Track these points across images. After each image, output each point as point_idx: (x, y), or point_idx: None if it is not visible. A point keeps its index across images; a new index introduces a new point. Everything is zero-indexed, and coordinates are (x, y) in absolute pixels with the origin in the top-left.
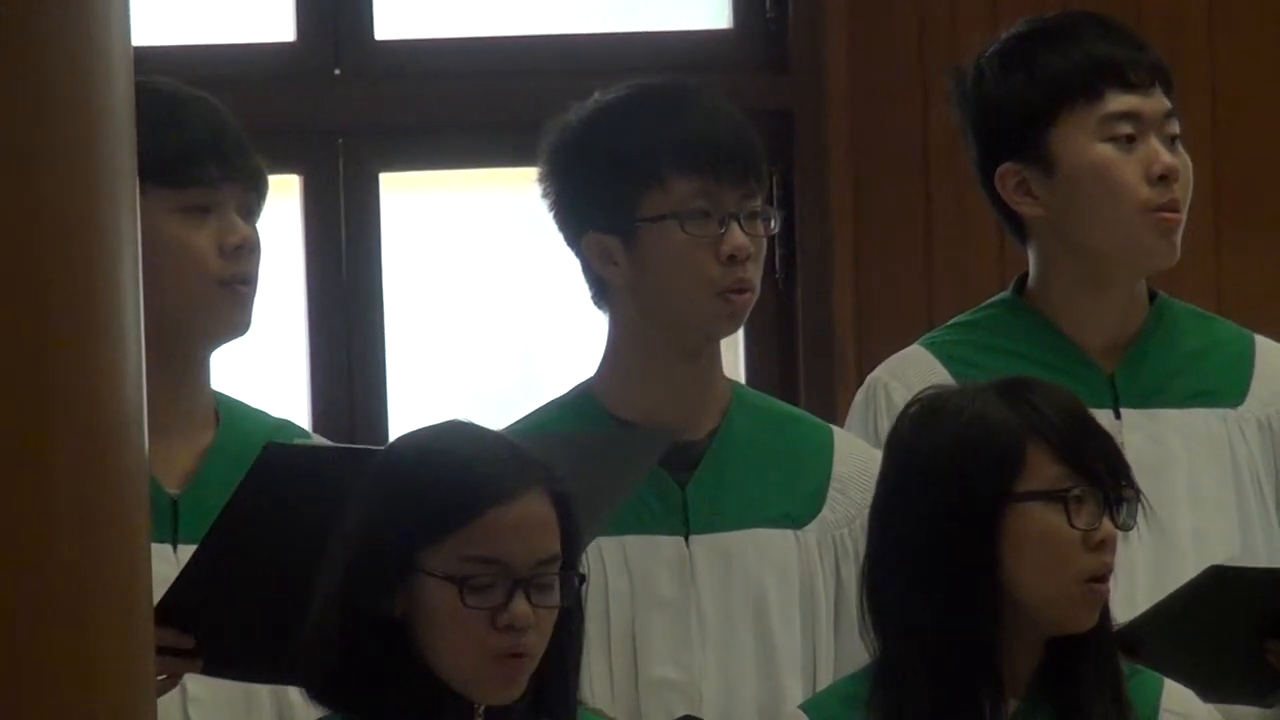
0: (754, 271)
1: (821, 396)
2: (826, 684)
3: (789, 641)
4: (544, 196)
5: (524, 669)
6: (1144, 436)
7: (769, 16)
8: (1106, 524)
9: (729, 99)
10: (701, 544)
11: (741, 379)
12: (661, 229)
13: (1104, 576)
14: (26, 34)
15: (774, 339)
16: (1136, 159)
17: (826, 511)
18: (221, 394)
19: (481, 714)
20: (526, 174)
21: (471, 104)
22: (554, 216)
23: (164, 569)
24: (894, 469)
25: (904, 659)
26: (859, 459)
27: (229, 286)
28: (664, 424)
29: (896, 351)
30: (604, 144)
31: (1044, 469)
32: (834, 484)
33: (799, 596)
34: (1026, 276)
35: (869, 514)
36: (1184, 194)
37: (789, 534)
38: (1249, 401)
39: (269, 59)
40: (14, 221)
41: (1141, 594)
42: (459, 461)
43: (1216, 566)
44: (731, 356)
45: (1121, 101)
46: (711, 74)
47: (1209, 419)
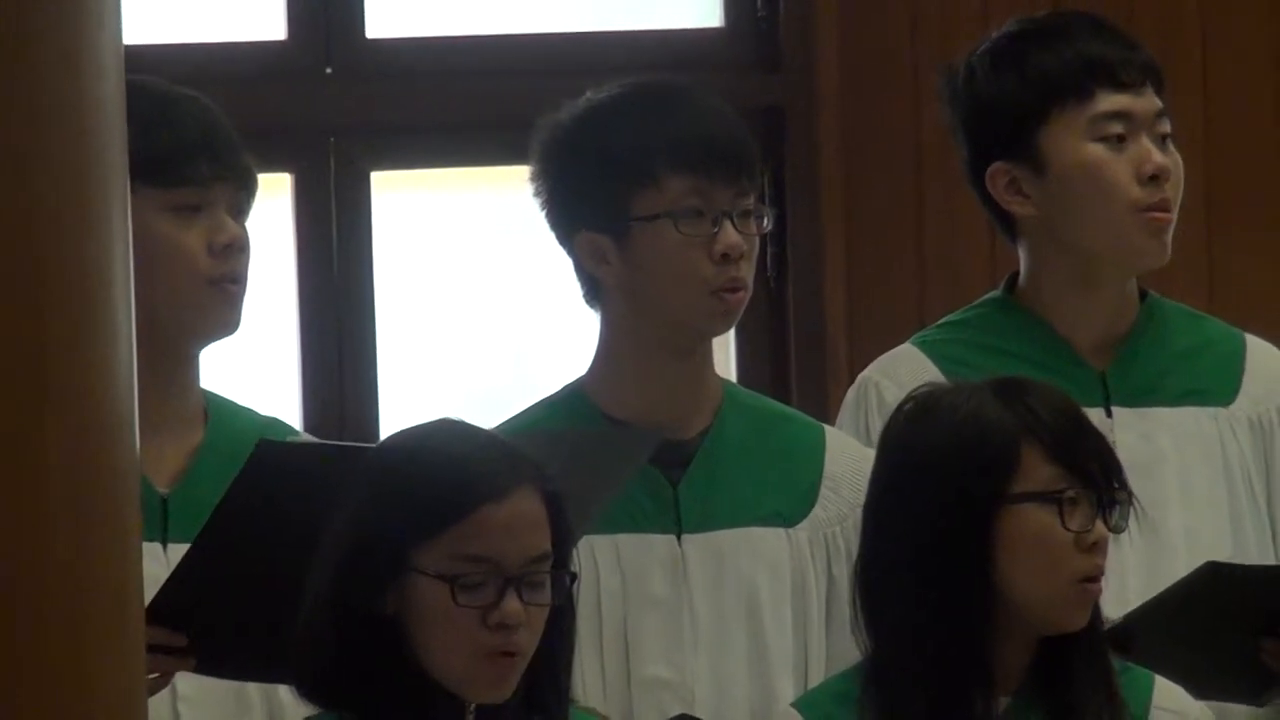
0: (747, 270)
1: (813, 395)
2: (818, 682)
3: (781, 640)
4: (536, 196)
5: (515, 667)
6: (1135, 435)
7: (760, 15)
8: (1099, 526)
9: (720, 97)
10: (694, 543)
11: (733, 377)
12: (655, 228)
13: (1096, 577)
14: (18, 33)
15: (765, 337)
16: (1127, 158)
17: (818, 510)
18: (210, 392)
19: (473, 712)
20: (518, 173)
21: (463, 103)
22: (546, 216)
23: (154, 568)
24: (888, 466)
25: (896, 657)
26: (851, 457)
27: (219, 285)
28: (656, 423)
29: (888, 350)
30: (596, 143)
31: (1038, 470)
32: (826, 482)
33: (791, 595)
34: (1017, 275)
35: (862, 511)
36: (1175, 194)
37: (781, 533)
38: (1240, 400)
39: (260, 57)
40: (6, 220)
41: (1133, 592)
42: (450, 460)
43: (1213, 563)
44: (723, 355)
45: (1112, 101)
46: (703, 72)
47: (1200, 418)
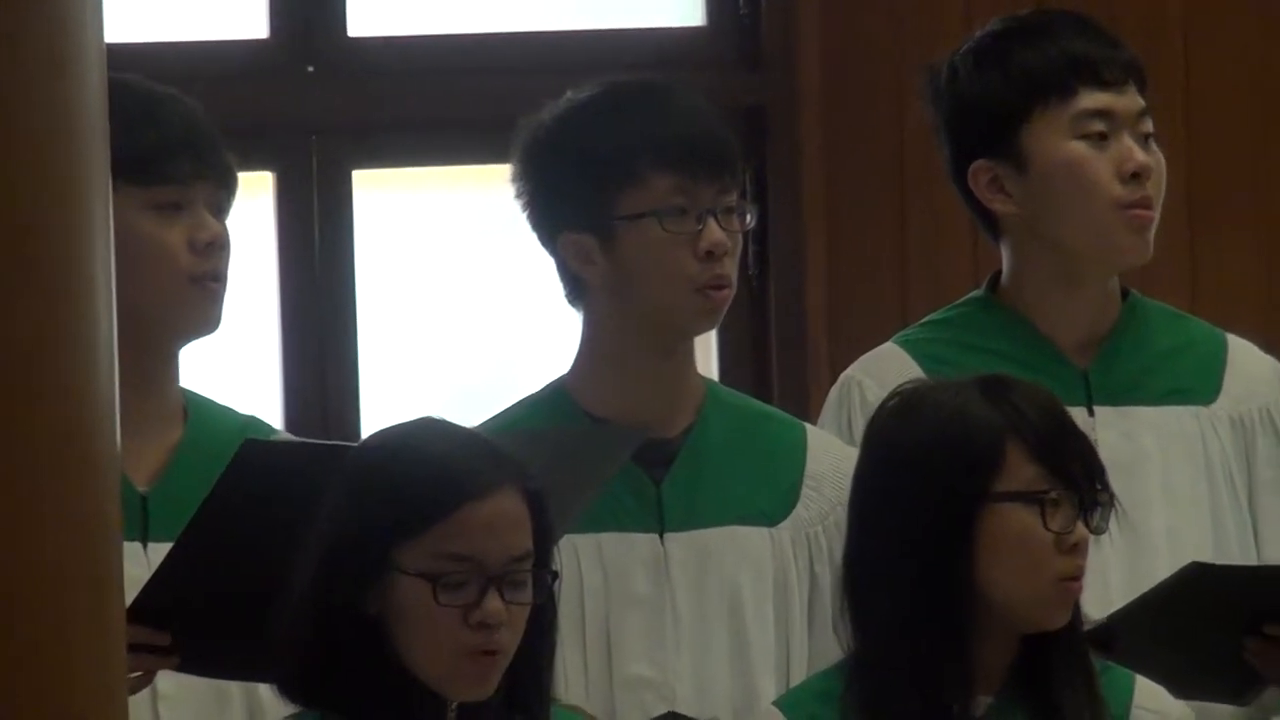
0: (731, 267)
1: (794, 394)
2: (800, 681)
3: (763, 639)
4: (518, 196)
5: (497, 666)
6: (1117, 434)
7: (742, 13)
8: (1080, 527)
9: (702, 96)
10: (676, 541)
11: (715, 376)
12: (640, 227)
13: (1077, 577)
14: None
15: (747, 336)
16: (1109, 156)
17: (800, 509)
18: (189, 391)
19: (454, 711)
20: (499, 171)
21: (444, 101)
22: (528, 216)
23: (134, 567)
24: (873, 462)
25: (879, 655)
26: (833, 456)
27: (200, 283)
28: (638, 421)
29: (870, 349)
30: (579, 143)
31: (1021, 469)
32: (808, 481)
33: (773, 594)
34: (1000, 274)
35: (847, 508)
36: (1157, 192)
37: (763, 531)
38: (1221, 399)
39: (242, 56)
40: None
41: (1115, 591)
42: (432, 459)
43: (1197, 563)
44: (704, 354)
45: (1095, 99)
46: (685, 71)
47: (1182, 416)
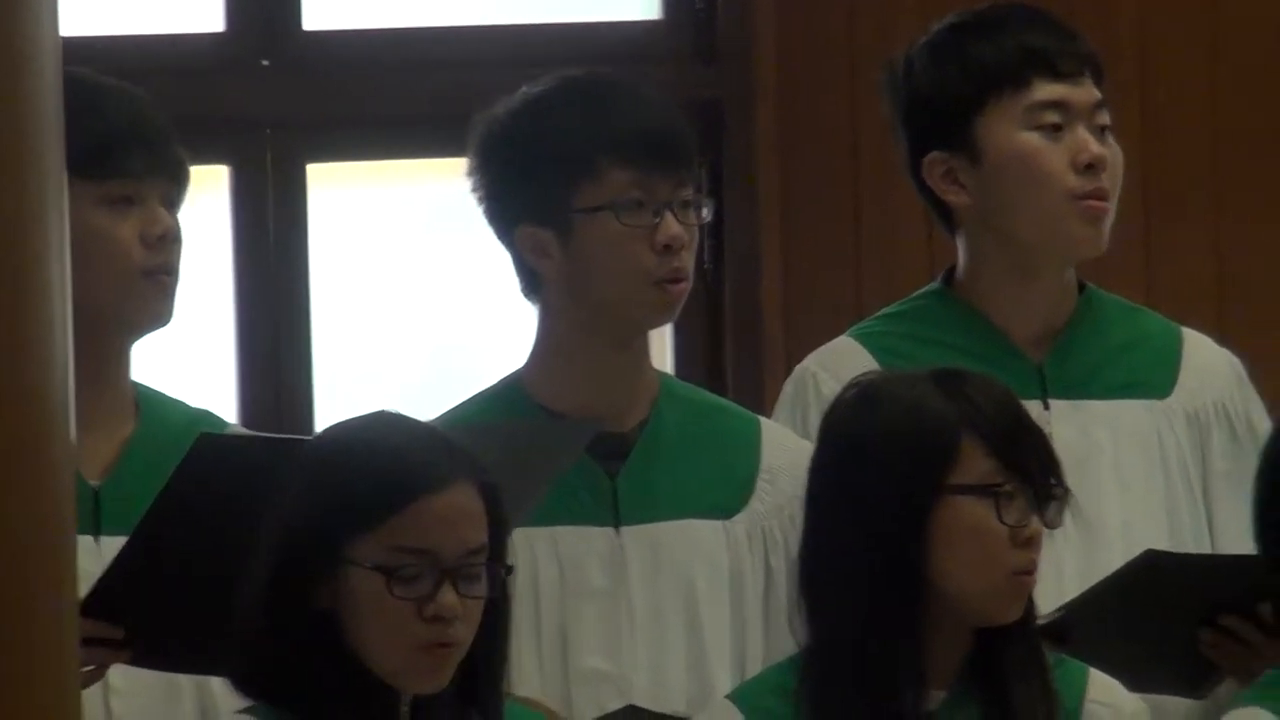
0: (688, 261)
1: (749, 387)
2: (755, 674)
3: (718, 632)
4: (474, 190)
5: (451, 659)
6: (1072, 428)
7: (698, 7)
8: (1035, 521)
9: (660, 89)
10: (632, 535)
11: (670, 370)
12: (597, 220)
13: (1030, 570)
14: None
15: (702, 330)
16: (1064, 148)
17: (755, 502)
18: (141, 384)
19: (408, 704)
20: (455, 165)
21: (400, 96)
22: (484, 210)
23: (86, 561)
24: (829, 454)
25: (833, 648)
26: (787, 450)
27: (152, 277)
28: (593, 415)
29: (825, 342)
30: (535, 136)
31: (976, 463)
32: (763, 475)
33: (728, 587)
34: (955, 267)
35: (803, 500)
36: (1113, 184)
37: (718, 525)
38: (1177, 393)
39: (198, 49)
40: None
41: (1069, 585)
42: (387, 452)
43: (1151, 552)
44: (659, 347)
45: (1049, 90)
46: (641, 65)
47: (1137, 410)
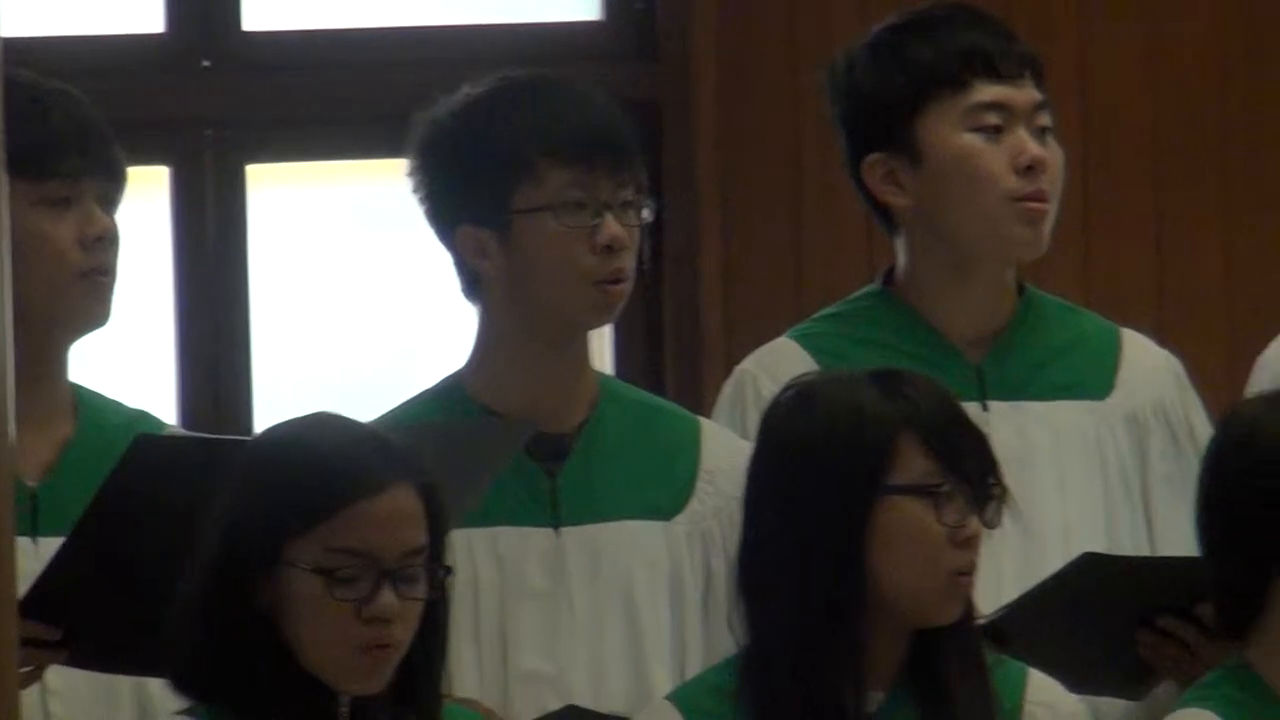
0: (629, 262)
1: (689, 388)
2: (695, 675)
3: (658, 633)
4: (415, 191)
5: (389, 660)
6: (1011, 428)
7: (638, 8)
8: (974, 521)
9: (601, 89)
10: (572, 536)
11: (609, 370)
12: (536, 221)
13: (969, 571)
14: None
15: (641, 330)
16: (1003, 149)
17: (695, 503)
18: (79, 385)
19: (346, 705)
20: (394, 166)
21: (339, 96)
22: (425, 210)
23: (25, 562)
24: (767, 455)
25: (771, 649)
26: (727, 451)
27: (90, 278)
28: (533, 415)
29: (765, 343)
30: (475, 137)
31: (915, 463)
32: (702, 476)
33: (668, 588)
34: (895, 268)
35: (741, 501)
36: (1053, 186)
37: (658, 526)
38: (1116, 394)
39: (138, 50)
40: None
41: (1008, 587)
42: (326, 453)
43: (1090, 554)
44: (598, 347)
45: (989, 91)
46: (581, 65)
47: (1076, 411)
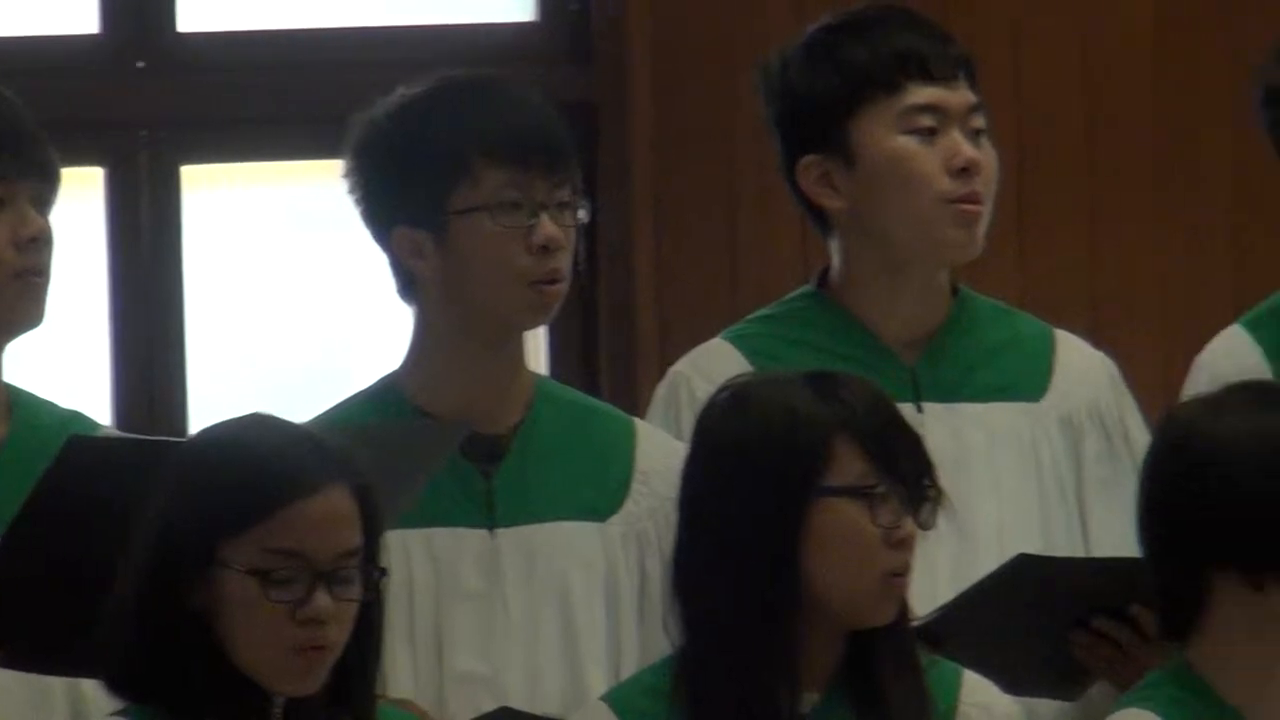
0: (565, 262)
1: (624, 389)
2: (630, 676)
3: (593, 634)
4: (350, 192)
5: (324, 661)
6: (945, 430)
7: (572, 9)
8: (909, 523)
9: (537, 90)
10: (507, 537)
11: (544, 371)
12: (472, 221)
13: (903, 572)
14: None
15: (576, 331)
16: (937, 151)
17: (630, 504)
18: (12, 386)
19: (280, 706)
20: (329, 167)
21: (274, 97)
22: (361, 211)
23: None
24: (702, 457)
25: (706, 650)
26: (662, 451)
27: (23, 279)
28: (469, 416)
29: (699, 344)
30: (412, 137)
31: (850, 464)
32: (637, 477)
33: (603, 589)
34: (829, 269)
35: (676, 503)
36: (987, 188)
37: (593, 527)
38: (1050, 395)
39: (73, 51)
40: None
41: (943, 588)
42: (260, 454)
43: (1024, 555)
44: (534, 349)
45: (923, 94)
46: (516, 66)
47: (1010, 413)
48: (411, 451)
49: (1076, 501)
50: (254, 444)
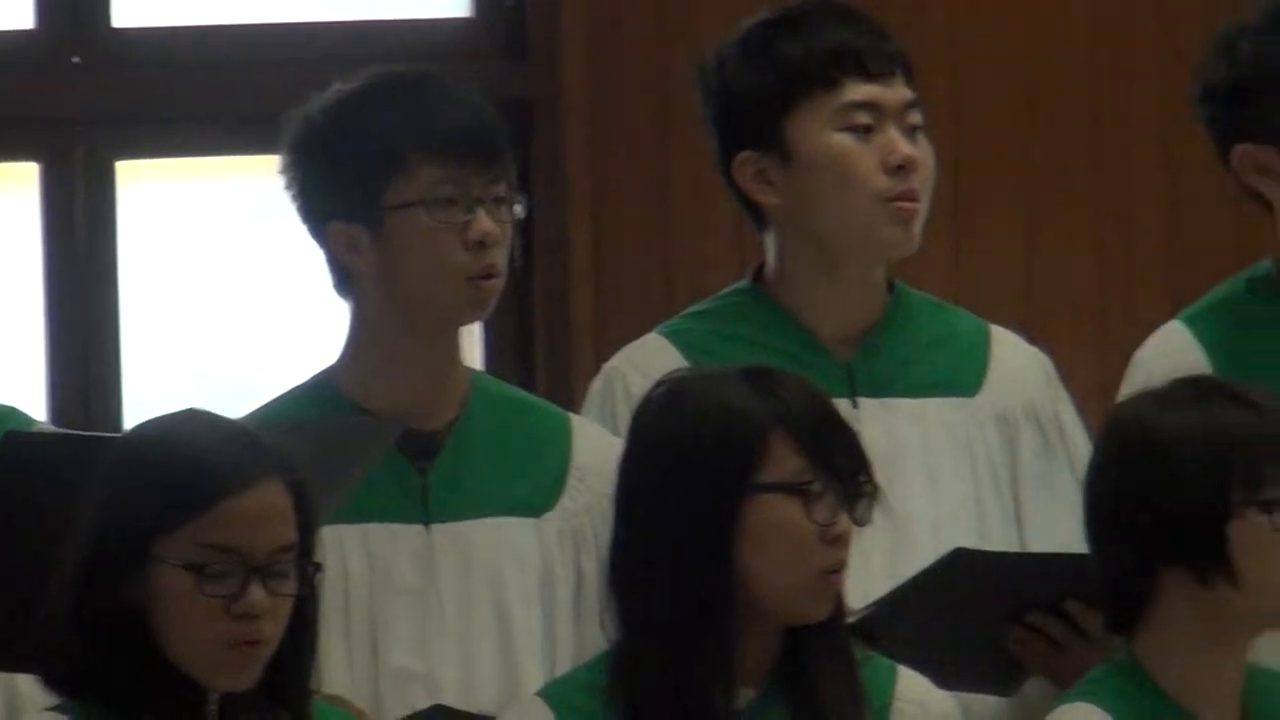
0: (501, 257)
1: (560, 385)
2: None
3: (529, 630)
4: (287, 187)
5: (258, 656)
6: (880, 426)
7: (508, 5)
8: (844, 519)
9: (474, 85)
10: (442, 532)
11: (479, 366)
12: (408, 217)
13: (839, 569)
14: None
15: (512, 327)
16: (873, 148)
17: (566, 500)
18: None
19: (216, 702)
20: (265, 162)
21: (210, 93)
22: (297, 206)
23: None
24: (638, 452)
25: (642, 647)
26: (598, 447)
27: None
28: (404, 412)
29: (634, 340)
30: (347, 133)
31: (785, 460)
32: (573, 473)
33: (539, 585)
34: (765, 265)
35: (612, 499)
36: (923, 185)
37: (529, 523)
38: (985, 391)
39: (7, 47)
40: None
41: (878, 583)
42: (195, 450)
43: (959, 549)
44: (469, 345)
45: (859, 91)
46: (451, 63)
47: (945, 409)
48: (347, 447)
49: (1012, 497)
50: (188, 439)
